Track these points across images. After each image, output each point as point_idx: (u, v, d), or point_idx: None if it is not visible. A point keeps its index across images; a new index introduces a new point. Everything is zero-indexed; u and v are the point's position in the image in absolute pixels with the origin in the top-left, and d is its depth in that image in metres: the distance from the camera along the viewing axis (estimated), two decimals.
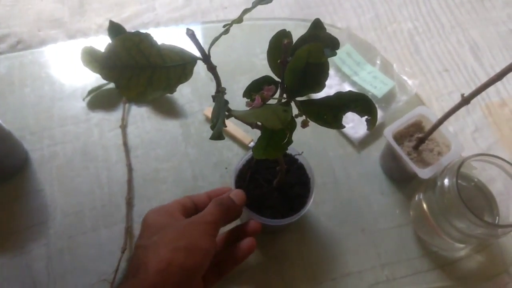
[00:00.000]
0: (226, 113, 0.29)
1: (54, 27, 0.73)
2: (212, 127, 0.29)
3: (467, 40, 0.75)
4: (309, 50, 0.26)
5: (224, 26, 0.30)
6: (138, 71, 0.26)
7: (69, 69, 0.68)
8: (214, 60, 0.30)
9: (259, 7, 0.43)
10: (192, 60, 0.29)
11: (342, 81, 0.68)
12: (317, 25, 0.31)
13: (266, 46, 0.72)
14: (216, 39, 0.30)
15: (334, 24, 0.76)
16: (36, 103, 0.65)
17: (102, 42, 0.63)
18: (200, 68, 0.63)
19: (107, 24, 0.62)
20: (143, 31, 0.74)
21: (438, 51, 0.74)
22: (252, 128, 0.36)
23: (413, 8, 0.78)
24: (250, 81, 0.67)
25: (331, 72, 0.69)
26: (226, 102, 0.29)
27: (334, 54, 0.31)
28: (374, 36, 0.75)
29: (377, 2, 0.79)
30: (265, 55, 0.71)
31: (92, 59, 0.63)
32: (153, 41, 0.27)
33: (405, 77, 0.67)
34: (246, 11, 0.30)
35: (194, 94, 0.66)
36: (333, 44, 0.30)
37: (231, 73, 0.68)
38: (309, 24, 0.77)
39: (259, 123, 0.34)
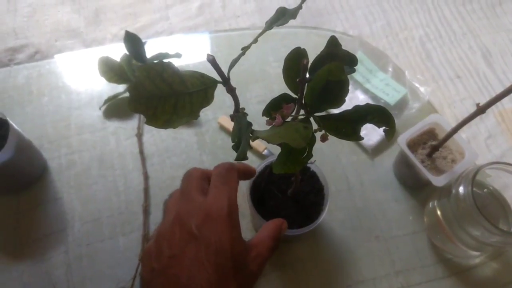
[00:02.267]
0: (250, 134, 0.29)
1: (70, 37, 0.74)
2: (234, 148, 0.29)
3: (479, 46, 0.75)
4: (330, 69, 0.27)
5: (242, 49, 0.31)
6: (163, 100, 0.27)
7: (85, 78, 0.70)
8: (226, 69, 0.31)
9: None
10: (213, 84, 0.30)
11: (354, 88, 0.69)
12: (333, 42, 0.31)
13: (278, 54, 0.73)
14: (235, 61, 0.30)
15: (346, 32, 0.76)
16: (54, 112, 0.66)
17: (117, 51, 0.65)
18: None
19: (121, 33, 0.63)
20: (157, 39, 0.75)
21: (450, 58, 0.74)
22: (269, 142, 0.37)
23: (424, 15, 0.79)
24: (263, 90, 0.69)
25: None
26: (250, 124, 0.30)
27: (353, 71, 0.31)
28: (385, 43, 0.75)
29: (388, 9, 0.79)
30: (278, 63, 0.71)
31: (108, 68, 0.65)
32: (175, 68, 0.28)
33: (417, 84, 0.68)
34: (262, 33, 0.30)
35: None
36: (351, 61, 0.31)
37: (244, 82, 0.69)
38: (321, 32, 0.78)
39: None
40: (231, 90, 0.30)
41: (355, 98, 0.68)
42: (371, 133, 0.64)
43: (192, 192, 0.39)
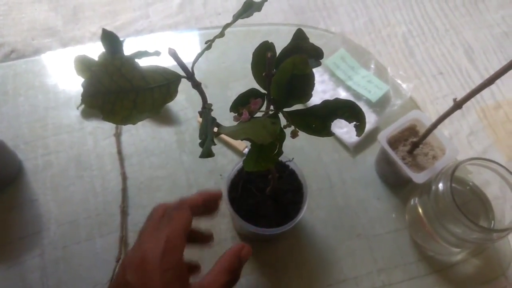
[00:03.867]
0: (215, 130, 0.28)
1: (48, 35, 0.73)
2: (201, 144, 0.29)
3: (461, 42, 0.75)
4: (294, 63, 0.26)
5: (206, 43, 0.30)
6: (122, 95, 0.26)
7: (63, 78, 0.68)
8: (207, 67, 0.30)
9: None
10: (176, 79, 0.29)
11: (336, 86, 0.68)
12: (299, 35, 0.31)
13: None
14: (199, 55, 0.30)
15: (328, 29, 0.76)
16: (30, 112, 0.65)
17: (96, 50, 0.63)
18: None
19: (101, 32, 0.62)
20: (136, 38, 0.74)
21: (432, 54, 0.74)
22: (242, 140, 0.36)
23: (407, 11, 0.78)
24: (245, 88, 0.67)
25: (326, 77, 0.69)
26: (214, 119, 0.29)
27: (319, 64, 0.31)
28: (368, 40, 0.75)
29: (371, 6, 0.79)
30: None
31: (85, 67, 0.63)
32: (135, 63, 0.27)
33: (399, 81, 0.67)
34: (227, 25, 0.30)
35: (188, 101, 0.66)
36: (317, 54, 0.30)
37: (225, 80, 0.68)
38: (303, 29, 0.77)
39: None
40: (196, 86, 0.29)
41: (337, 95, 0.67)
42: (352, 131, 0.63)
43: (143, 236, 0.37)
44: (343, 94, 0.67)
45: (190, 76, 0.28)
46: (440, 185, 0.48)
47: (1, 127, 0.63)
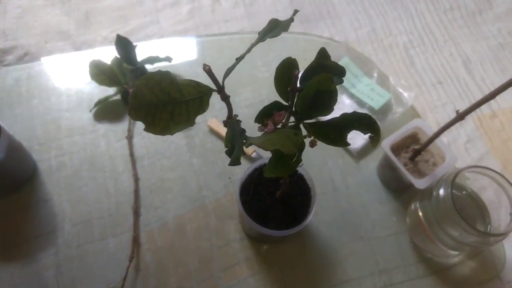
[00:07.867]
0: (244, 141, 0.31)
1: (60, 39, 0.75)
2: (228, 152, 0.31)
3: (460, 53, 0.78)
4: (320, 80, 0.29)
5: (236, 59, 0.32)
6: (161, 107, 0.29)
7: (75, 81, 0.70)
8: (216, 72, 0.32)
9: (259, 21, 0.42)
10: (208, 92, 0.31)
11: (340, 93, 0.71)
12: (322, 54, 0.33)
13: (267, 59, 0.74)
14: (229, 71, 0.32)
15: (332, 38, 0.78)
16: (44, 114, 0.67)
17: (107, 54, 0.65)
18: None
19: (112, 36, 0.64)
20: (147, 43, 0.75)
21: (432, 64, 0.77)
22: (262, 149, 0.38)
23: (408, 22, 0.81)
24: (252, 94, 0.70)
25: None
26: (243, 131, 0.31)
27: (341, 81, 0.33)
28: (371, 49, 0.78)
29: (374, 16, 0.82)
30: (266, 68, 0.73)
31: (99, 71, 0.65)
32: (172, 77, 0.29)
33: (401, 90, 0.70)
34: (255, 44, 0.32)
35: None
36: (340, 72, 0.33)
37: (233, 86, 0.70)
38: (308, 37, 0.79)
39: None
40: (225, 98, 0.32)
41: (341, 102, 0.70)
42: (356, 137, 0.66)
43: None
44: (347, 102, 0.70)
45: (220, 89, 0.31)
46: (441, 191, 0.51)
47: (16, 128, 0.64)
